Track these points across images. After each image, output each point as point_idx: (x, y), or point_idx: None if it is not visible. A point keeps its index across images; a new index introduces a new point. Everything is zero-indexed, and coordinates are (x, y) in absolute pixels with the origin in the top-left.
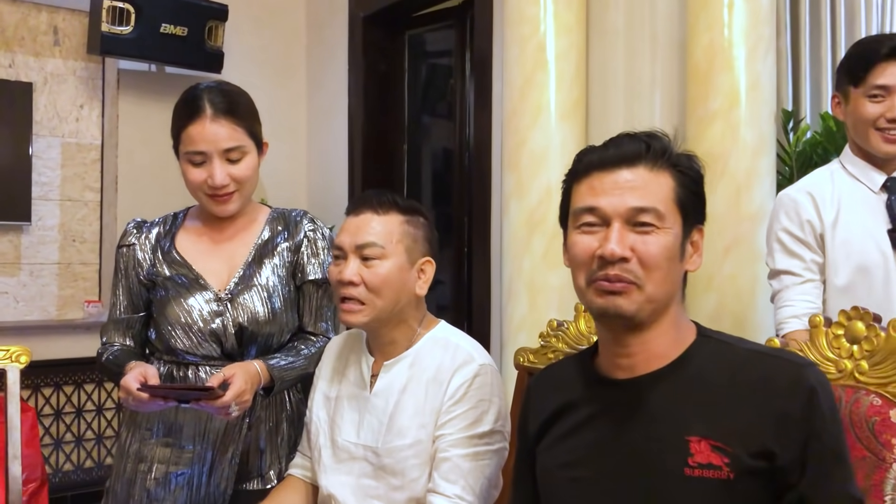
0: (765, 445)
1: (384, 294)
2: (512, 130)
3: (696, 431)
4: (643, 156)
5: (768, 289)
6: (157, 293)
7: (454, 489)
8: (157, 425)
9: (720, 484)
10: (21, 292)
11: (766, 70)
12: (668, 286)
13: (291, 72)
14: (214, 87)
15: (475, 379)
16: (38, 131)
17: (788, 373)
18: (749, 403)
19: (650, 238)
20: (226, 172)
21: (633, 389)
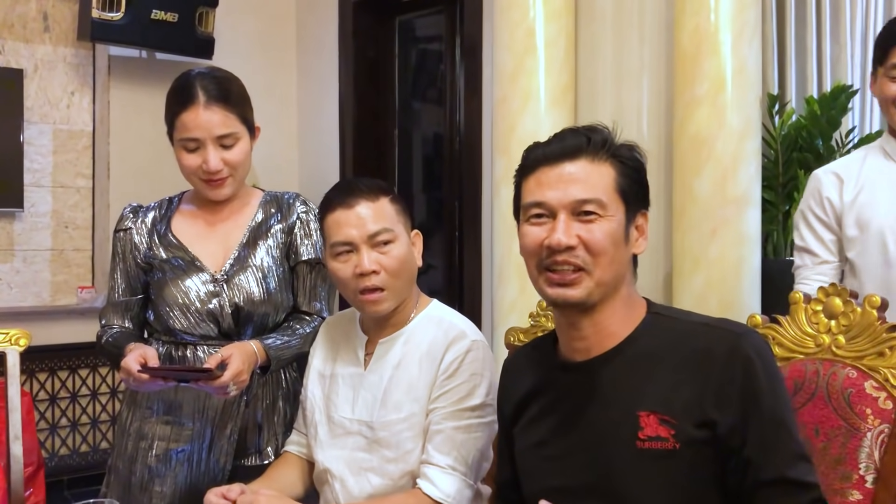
0: (706, 415)
1: (402, 275)
2: (502, 115)
3: (646, 406)
4: (584, 149)
5: (754, 271)
6: (155, 275)
7: (447, 460)
8: (157, 404)
9: (668, 454)
10: (15, 278)
11: (752, 55)
12: (615, 269)
13: (281, 57)
14: (206, 73)
15: (467, 354)
16: (30, 118)
17: (726, 342)
18: (691, 375)
19: (594, 226)
20: (219, 158)
21: (589, 371)
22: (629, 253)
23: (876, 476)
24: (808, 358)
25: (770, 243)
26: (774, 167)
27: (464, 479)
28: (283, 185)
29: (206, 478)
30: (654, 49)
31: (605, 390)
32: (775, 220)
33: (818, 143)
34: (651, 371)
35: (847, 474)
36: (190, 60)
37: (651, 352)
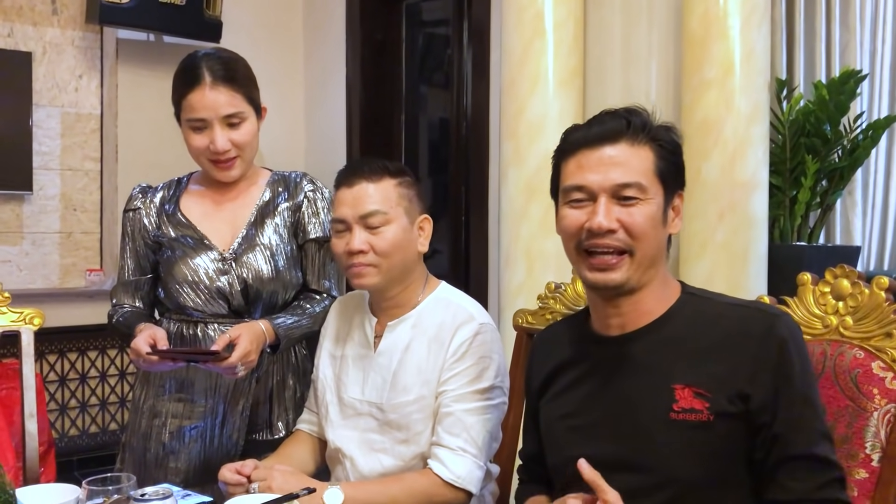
0: (741, 389)
1: (393, 256)
2: (510, 99)
3: (681, 380)
4: (624, 132)
5: (761, 255)
6: (164, 254)
7: (457, 441)
8: (169, 382)
9: (701, 425)
10: (24, 261)
11: (761, 39)
12: (654, 251)
13: (289, 41)
14: (212, 54)
15: (476, 337)
16: (38, 101)
17: (762, 323)
18: (727, 352)
19: (635, 210)
20: (227, 138)
21: (623, 345)
22: (666, 234)
23: (882, 455)
24: (815, 339)
25: (777, 228)
26: (782, 152)
27: (474, 461)
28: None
29: (220, 453)
30: (662, 33)
31: (638, 363)
32: (782, 205)
33: (826, 129)
34: (686, 347)
35: (853, 453)
36: (198, 44)
37: (686, 329)
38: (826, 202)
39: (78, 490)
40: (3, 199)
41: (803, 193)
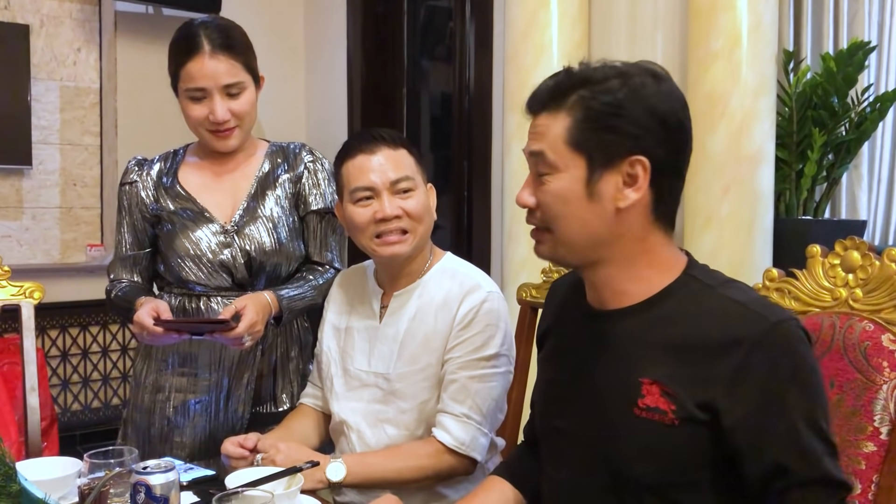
0: (713, 400)
1: (424, 220)
2: (514, 71)
3: (651, 374)
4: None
5: (766, 229)
6: (164, 227)
7: (462, 409)
8: (172, 356)
9: (664, 427)
10: (24, 236)
11: (769, 10)
12: (581, 229)
13: (289, 13)
14: (209, 21)
15: (482, 305)
16: (36, 74)
17: (758, 328)
18: (708, 353)
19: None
20: (226, 108)
21: (604, 322)
22: (602, 210)
23: (891, 428)
24: (824, 311)
25: (783, 202)
26: (788, 125)
27: (478, 428)
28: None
29: (225, 427)
30: (668, 3)
31: (612, 346)
32: (788, 179)
33: (833, 101)
34: (664, 338)
35: (861, 426)
36: (197, 15)
37: (672, 318)
38: (832, 176)
39: (79, 463)
40: (3, 174)
41: (809, 167)
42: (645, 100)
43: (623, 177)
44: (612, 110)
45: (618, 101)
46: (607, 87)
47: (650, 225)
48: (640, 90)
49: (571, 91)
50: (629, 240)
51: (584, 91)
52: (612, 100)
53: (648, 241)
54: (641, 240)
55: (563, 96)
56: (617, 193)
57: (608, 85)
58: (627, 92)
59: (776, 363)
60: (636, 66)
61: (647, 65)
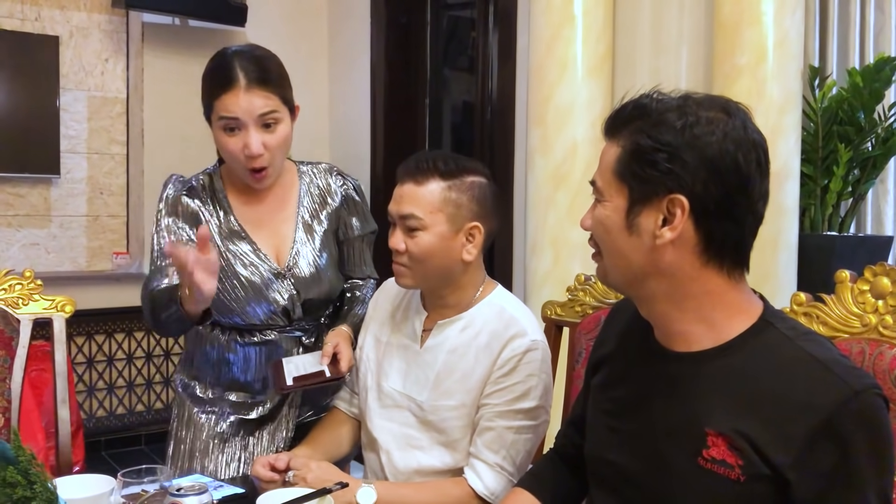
0: (783, 464)
1: (426, 262)
2: (538, 85)
3: (717, 425)
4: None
5: (791, 245)
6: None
7: (496, 458)
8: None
9: (729, 482)
10: (52, 244)
11: (795, 25)
12: (621, 260)
13: (313, 24)
14: (245, 52)
15: (526, 354)
16: (65, 85)
17: (836, 396)
18: (783, 413)
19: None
20: (261, 141)
21: (672, 363)
22: (640, 244)
23: None
24: (853, 338)
25: (807, 217)
26: (814, 140)
27: (510, 479)
28: (315, 152)
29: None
30: (693, 18)
31: (680, 390)
32: (813, 195)
33: (860, 117)
34: (740, 388)
35: None
36: (223, 28)
37: (745, 369)
38: (858, 192)
39: (111, 481)
40: (32, 183)
41: (835, 183)
42: (695, 139)
43: (663, 213)
44: (657, 147)
45: (665, 139)
46: (660, 123)
47: (703, 266)
48: (693, 128)
49: (629, 122)
50: (680, 279)
51: (639, 123)
52: (660, 137)
53: (706, 283)
54: (694, 280)
55: (622, 126)
56: (655, 230)
57: (662, 120)
58: (678, 130)
59: (854, 435)
60: (706, 100)
61: (720, 100)
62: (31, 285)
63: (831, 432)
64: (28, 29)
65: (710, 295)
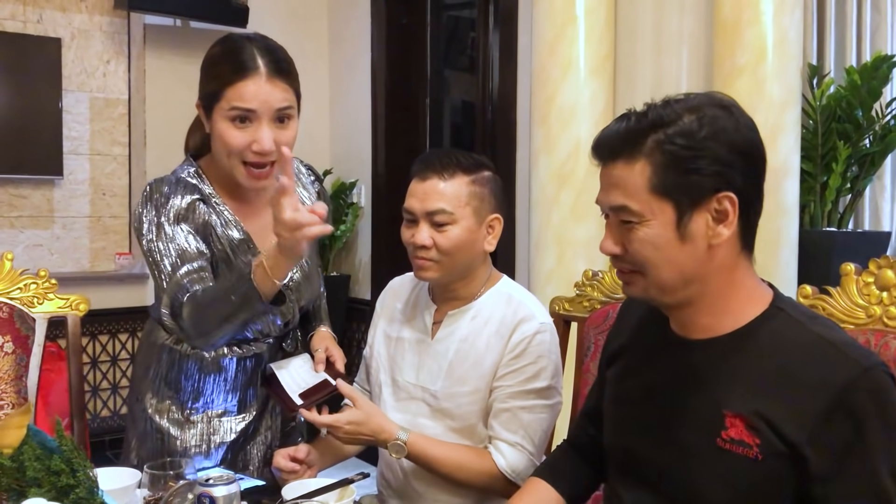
0: (798, 442)
1: (455, 256)
2: (541, 85)
3: (735, 407)
4: (620, 149)
5: (791, 240)
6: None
7: (515, 437)
8: (200, 396)
9: (748, 462)
10: (55, 244)
11: (794, 24)
12: (675, 272)
13: (314, 25)
14: (259, 40)
15: (535, 336)
16: (67, 86)
17: (846, 373)
18: (797, 393)
19: (632, 235)
20: (272, 137)
21: (689, 350)
22: (695, 249)
23: None
24: (858, 329)
25: (807, 213)
26: (813, 138)
27: (531, 458)
28: (316, 152)
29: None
30: (694, 18)
31: (698, 376)
32: (813, 191)
33: (858, 114)
34: (755, 371)
35: None
36: (224, 29)
37: (759, 352)
38: (856, 188)
39: (136, 473)
40: (35, 184)
41: (834, 179)
42: (723, 134)
43: (711, 213)
44: (693, 152)
45: (697, 141)
46: (682, 128)
47: (738, 256)
48: (716, 125)
49: (645, 136)
50: (720, 274)
51: (659, 134)
52: (691, 141)
53: (737, 273)
54: (731, 271)
55: (638, 142)
56: (708, 231)
57: (682, 124)
58: (704, 129)
59: (866, 409)
60: (705, 98)
61: (715, 95)
62: (45, 284)
63: (844, 407)
64: (30, 31)
65: (737, 285)
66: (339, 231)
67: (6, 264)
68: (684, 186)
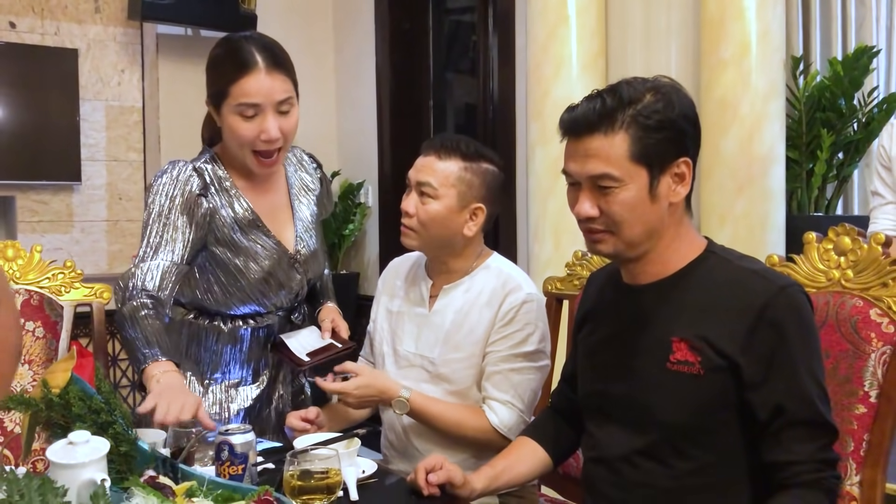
0: (733, 354)
1: (430, 228)
2: (536, 82)
3: (679, 333)
4: (598, 124)
5: (779, 226)
6: (234, 258)
7: (506, 396)
8: (218, 367)
9: (692, 377)
10: (74, 248)
11: (776, 18)
12: (643, 228)
13: (320, 32)
14: (256, 38)
15: (523, 305)
16: (84, 95)
17: (766, 292)
18: (729, 314)
19: (610, 198)
20: (277, 126)
21: (639, 295)
22: (660, 207)
23: (879, 391)
24: (819, 291)
25: (794, 200)
26: (798, 126)
27: (521, 415)
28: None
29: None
30: (681, 15)
31: (648, 314)
32: (799, 178)
33: (841, 103)
34: (694, 302)
35: (853, 391)
36: None
37: (696, 287)
38: (842, 174)
39: (163, 433)
40: (55, 190)
41: (819, 166)
42: (679, 107)
43: (672, 176)
44: (661, 124)
45: (664, 114)
46: (649, 104)
47: (684, 212)
48: (672, 100)
49: (620, 112)
50: (672, 228)
51: (632, 110)
52: (659, 115)
53: (682, 227)
54: (678, 225)
55: (614, 117)
56: (670, 191)
57: (648, 101)
58: (666, 105)
59: (785, 320)
60: (658, 80)
61: (662, 77)
62: (72, 274)
63: (766, 319)
64: (48, 43)
65: (680, 235)
66: (347, 230)
67: (35, 256)
68: (656, 153)
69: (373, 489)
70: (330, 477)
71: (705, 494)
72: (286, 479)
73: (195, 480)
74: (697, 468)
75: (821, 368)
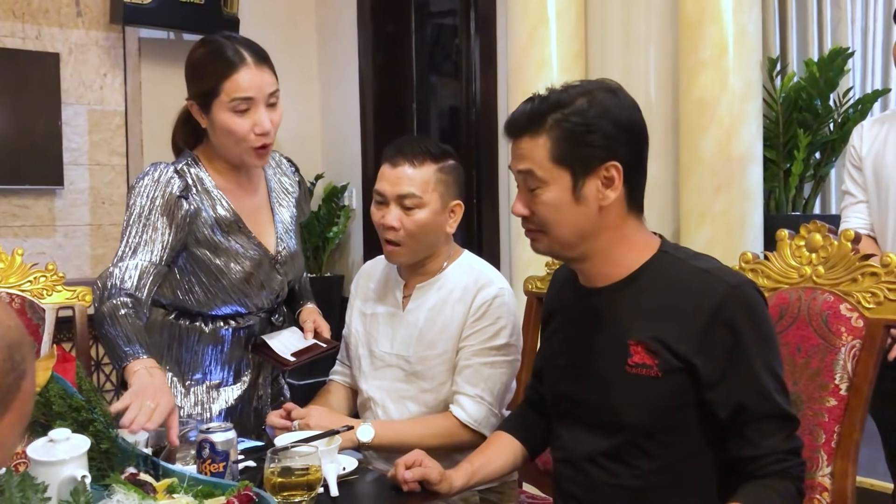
0: (688, 355)
1: (419, 237)
2: (517, 84)
3: (636, 336)
4: (524, 128)
5: (757, 225)
6: (213, 258)
7: (475, 390)
8: (199, 368)
9: (651, 380)
10: (57, 252)
11: (752, 20)
12: (571, 229)
13: (303, 35)
14: (236, 37)
15: (494, 300)
16: (66, 99)
17: (719, 291)
18: (683, 315)
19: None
20: (269, 118)
21: (594, 297)
22: (588, 210)
23: (849, 384)
24: (791, 287)
25: (773, 199)
26: (776, 127)
27: (490, 408)
28: (308, 157)
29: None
30: (659, 17)
31: (605, 317)
32: (777, 178)
33: (817, 104)
34: (648, 304)
35: (824, 384)
36: None
37: (650, 288)
38: (819, 174)
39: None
40: (37, 195)
41: (797, 166)
42: (609, 113)
43: (601, 180)
44: (585, 128)
45: (587, 119)
46: (576, 108)
47: (626, 215)
48: (603, 105)
49: (546, 115)
50: (610, 231)
51: (557, 114)
52: (583, 119)
53: (626, 229)
54: (619, 228)
55: (540, 120)
56: (598, 195)
57: (576, 105)
58: (594, 109)
59: (739, 318)
60: (596, 84)
61: (605, 81)
62: (53, 277)
63: (720, 319)
64: (29, 47)
65: (624, 238)
66: (331, 233)
67: (17, 259)
68: (578, 157)
69: (353, 485)
70: (310, 473)
71: (672, 491)
72: (267, 475)
73: (176, 477)
74: (663, 467)
75: (778, 361)
